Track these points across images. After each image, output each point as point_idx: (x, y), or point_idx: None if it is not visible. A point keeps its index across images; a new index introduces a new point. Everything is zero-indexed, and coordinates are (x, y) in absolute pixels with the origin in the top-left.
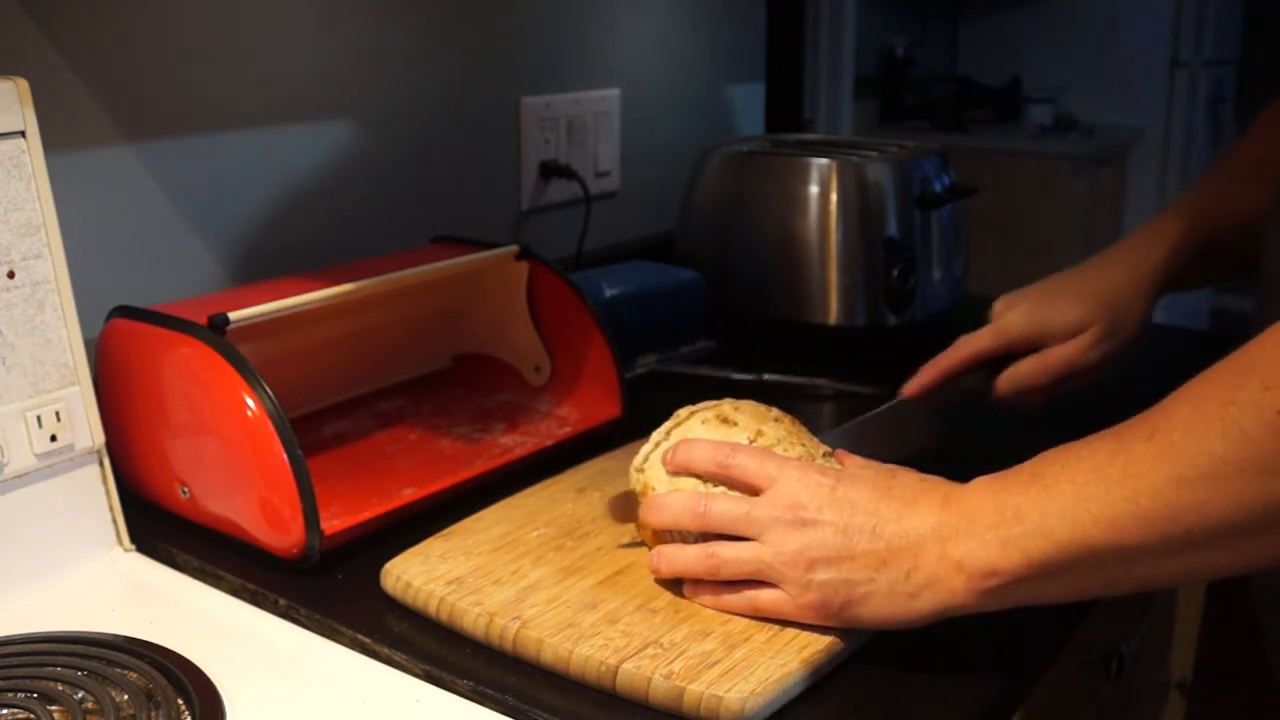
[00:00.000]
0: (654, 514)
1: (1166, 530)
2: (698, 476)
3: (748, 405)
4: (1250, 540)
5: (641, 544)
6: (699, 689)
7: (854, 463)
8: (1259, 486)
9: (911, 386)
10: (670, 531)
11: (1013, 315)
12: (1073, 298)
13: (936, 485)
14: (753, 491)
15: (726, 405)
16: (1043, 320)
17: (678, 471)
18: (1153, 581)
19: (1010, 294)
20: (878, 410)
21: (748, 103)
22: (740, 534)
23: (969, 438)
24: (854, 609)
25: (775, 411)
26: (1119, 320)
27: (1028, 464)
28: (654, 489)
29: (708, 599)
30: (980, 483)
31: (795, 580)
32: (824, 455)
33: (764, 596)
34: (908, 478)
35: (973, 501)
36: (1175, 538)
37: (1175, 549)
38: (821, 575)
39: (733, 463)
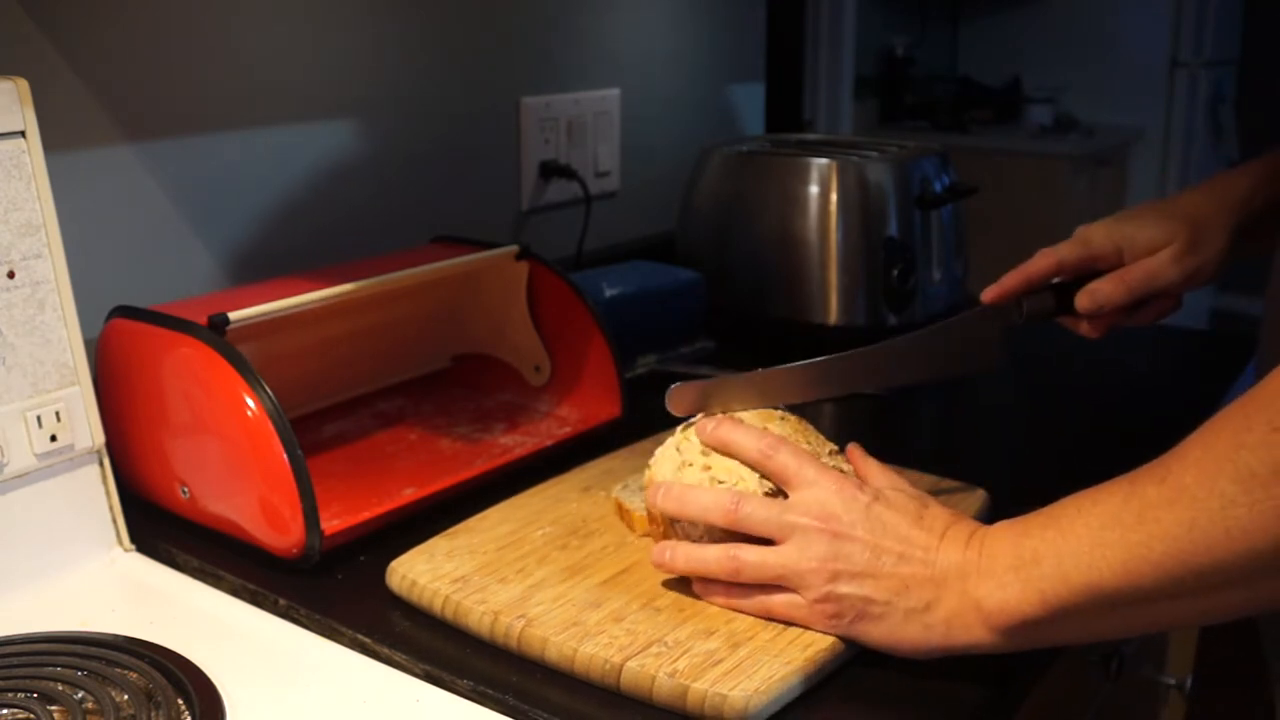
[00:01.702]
0: (677, 503)
1: (1180, 574)
2: (738, 458)
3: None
4: (1265, 582)
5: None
6: (703, 687)
7: (869, 467)
8: (1269, 529)
9: (992, 293)
10: (678, 524)
11: (1094, 229)
12: (1154, 216)
13: (964, 522)
14: (784, 488)
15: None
16: (1124, 235)
17: (716, 447)
18: (1170, 623)
19: (1092, 222)
20: (949, 321)
21: (748, 103)
22: (768, 536)
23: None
24: (865, 625)
25: (781, 410)
26: (1200, 238)
27: (1047, 508)
28: (656, 480)
29: (719, 599)
30: (1003, 525)
31: (815, 588)
32: (830, 453)
33: (777, 601)
34: (939, 510)
35: (994, 542)
36: (1188, 581)
37: (1189, 591)
38: (843, 588)
39: (776, 455)
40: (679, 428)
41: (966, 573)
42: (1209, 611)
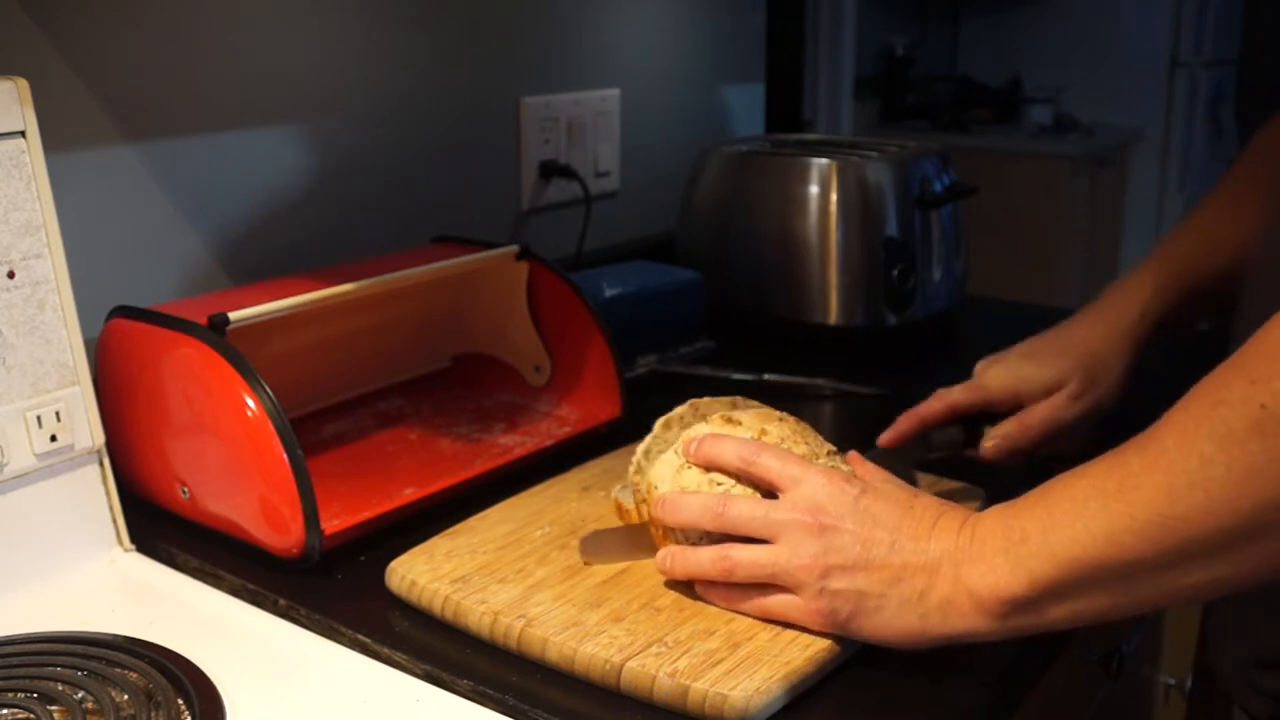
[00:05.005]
0: (670, 513)
1: (1161, 540)
2: (721, 471)
3: (752, 405)
4: (1245, 549)
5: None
6: (703, 687)
7: (866, 468)
8: (1246, 490)
9: (887, 436)
10: (676, 531)
11: (990, 372)
12: (1049, 355)
13: (955, 510)
14: (773, 491)
15: (733, 404)
16: (1020, 377)
17: (700, 465)
18: (1158, 599)
19: (991, 355)
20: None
21: (748, 103)
22: (758, 536)
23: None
24: (861, 620)
25: (779, 412)
26: (1096, 376)
27: (1039, 487)
28: (657, 489)
29: (719, 600)
30: (994, 509)
31: (808, 585)
32: (828, 454)
33: (773, 601)
34: (929, 499)
35: (985, 526)
36: (1171, 549)
37: (1173, 561)
38: (835, 583)
39: (757, 460)
40: (665, 430)
41: (959, 559)
42: (1197, 586)
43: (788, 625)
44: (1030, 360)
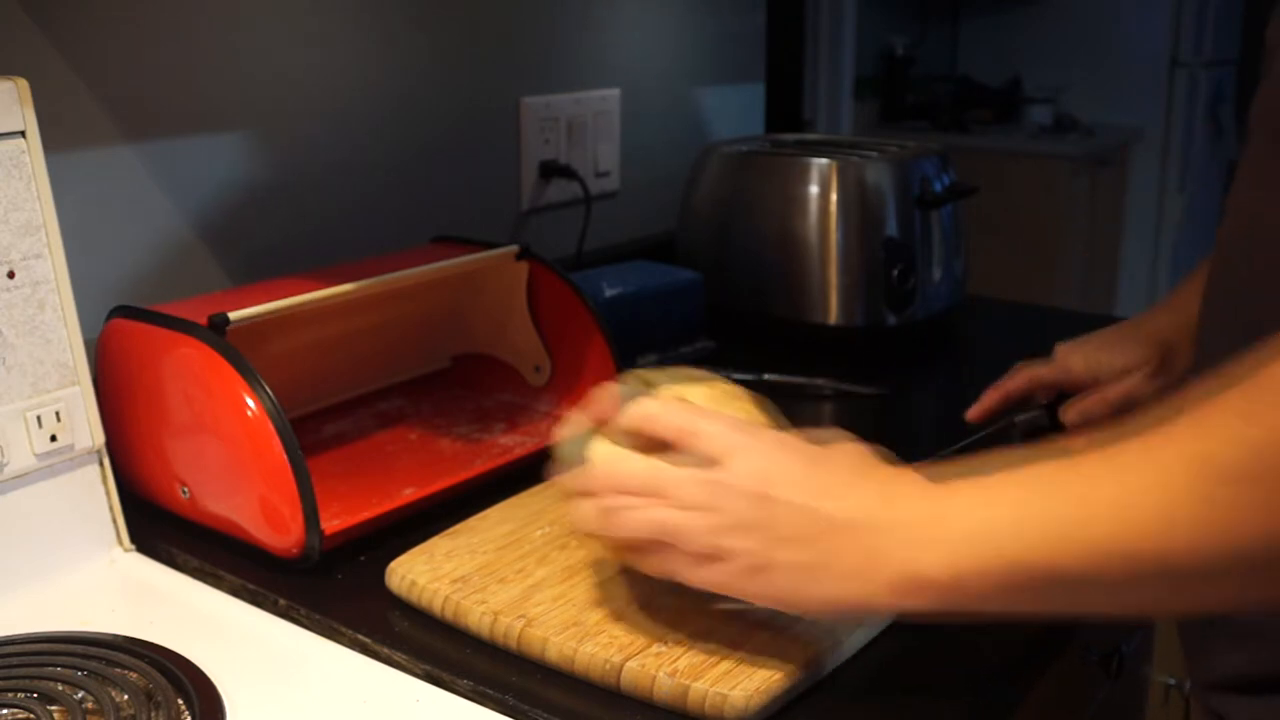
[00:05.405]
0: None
1: (1108, 564)
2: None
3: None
4: (1216, 586)
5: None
6: (703, 687)
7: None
8: (1227, 532)
9: (974, 411)
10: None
11: (1073, 356)
12: (1127, 343)
13: (874, 466)
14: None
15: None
16: (1099, 361)
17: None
18: (1106, 613)
19: (1070, 340)
20: (958, 447)
21: (748, 103)
22: (651, 495)
23: None
24: (762, 580)
25: (736, 388)
26: (1169, 359)
27: (973, 460)
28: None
29: (645, 565)
30: (922, 476)
31: (699, 545)
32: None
33: (655, 560)
34: (845, 455)
35: (911, 493)
36: (1120, 571)
37: (1126, 586)
38: (729, 542)
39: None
40: None
41: (877, 525)
42: (1151, 607)
43: (788, 625)
44: (1110, 347)
